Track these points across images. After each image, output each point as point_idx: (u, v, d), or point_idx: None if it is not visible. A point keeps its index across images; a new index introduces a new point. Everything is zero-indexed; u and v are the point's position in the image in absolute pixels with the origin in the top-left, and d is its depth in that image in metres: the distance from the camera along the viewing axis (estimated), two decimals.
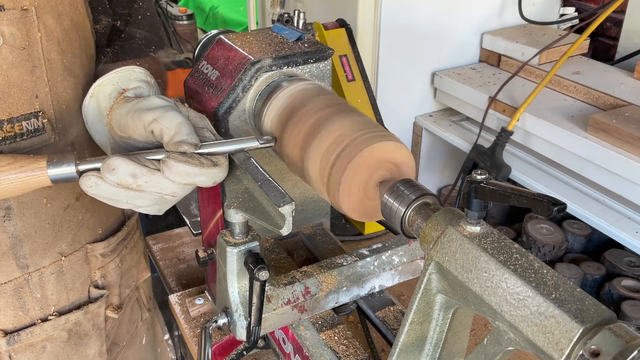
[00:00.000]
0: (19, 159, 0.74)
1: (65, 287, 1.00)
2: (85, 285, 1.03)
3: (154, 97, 0.78)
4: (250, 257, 0.77)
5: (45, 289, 0.97)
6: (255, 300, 0.77)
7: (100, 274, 1.05)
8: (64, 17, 0.86)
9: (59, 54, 0.86)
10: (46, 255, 0.96)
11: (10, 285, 0.93)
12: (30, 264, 0.94)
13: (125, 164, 0.70)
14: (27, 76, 0.83)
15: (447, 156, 2.03)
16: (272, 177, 0.75)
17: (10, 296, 0.94)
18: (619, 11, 1.70)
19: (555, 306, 0.52)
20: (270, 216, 0.72)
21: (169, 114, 0.74)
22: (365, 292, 0.92)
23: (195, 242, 1.56)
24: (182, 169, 0.70)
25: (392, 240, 0.95)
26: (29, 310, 0.97)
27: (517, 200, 0.57)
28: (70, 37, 0.88)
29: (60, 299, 1.00)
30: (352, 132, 0.75)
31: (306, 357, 0.93)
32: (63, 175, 0.73)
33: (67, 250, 0.99)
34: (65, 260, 0.98)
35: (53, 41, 0.85)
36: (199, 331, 1.27)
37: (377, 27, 1.72)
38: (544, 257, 1.64)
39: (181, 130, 0.73)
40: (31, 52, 0.82)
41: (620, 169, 1.35)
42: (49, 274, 0.97)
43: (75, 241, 1.00)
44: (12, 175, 0.73)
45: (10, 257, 0.92)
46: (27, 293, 0.95)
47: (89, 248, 1.02)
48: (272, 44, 0.94)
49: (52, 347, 1.01)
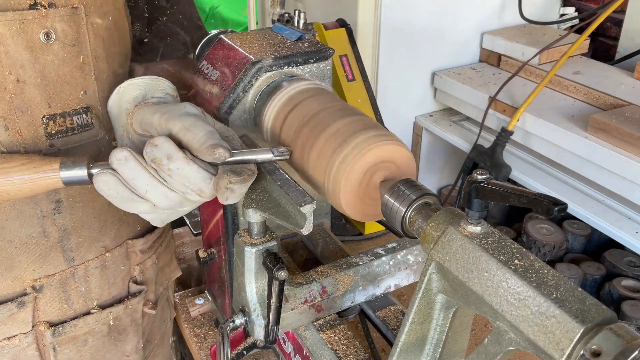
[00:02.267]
0: (33, 160, 0.76)
1: (108, 281, 1.02)
2: (126, 280, 1.06)
3: (187, 104, 0.80)
4: (268, 256, 0.77)
5: (89, 283, 1.00)
6: (274, 300, 0.77)
7: (139, 269, 1.07)
8: (108, 15, 0.88)
9: (104, 52, 0.88)
10: (91, 249, 0.98)
11: (57, 277, 0.95)
12: (77, 257, 0.97)
13: (167, 143, 0.72)
14: (77, 72, 0.85)
15: (447, 156, 2.03)
16: (291, 176, 0.75)
17: (57, 289, 0.96)
18: (619, 11, 1.70)
19: (556, 306, 0.52)
20: (291, 215, 0.72)
21: (199, 122, 0.75)
22: (381, 292, 0.93)
23: (195, 242, 1.56)
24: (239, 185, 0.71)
25: (407, 240, 0.95)
26: (73, 303, 0.99)
27: (518, 200, 0.57)
28: (113, 37, 0.90)
29: (103, 293, 1.02)
30: (352, 132, 0.75)
31: (306, 357, 0.93)
32: (75, 178, 0.75)
33: (110, 245, 1.01)
34: (108, 254, 1.01)
35: (99, 39, 0.87)
36: (199, 331, 1.27)
37: (377, 27, 1.72)
38: (544, 257, 1.64)
39: (212, 137, 0.74)
40: (80, 49, 0.85)
41: (620, 169, 1.35)
42: (93, 267, 0.99)
43: (118, 236, 1.02)
44: (25, 176, 0.75)
45: (58, 250, 0.94)
46: (72, 286, 0.98)
47: (130, 244, 1.04)
48: (272, 44, 0.94)
49: (94, 341, 1.03)
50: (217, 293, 1.17)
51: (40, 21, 0.80)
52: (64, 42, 0.83)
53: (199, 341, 1.24)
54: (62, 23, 0.82)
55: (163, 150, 0.71)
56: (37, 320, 0.96)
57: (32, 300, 0.94)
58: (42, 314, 0.96)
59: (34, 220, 0.89)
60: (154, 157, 0.72)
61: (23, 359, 0.96)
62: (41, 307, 0.95)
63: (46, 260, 0.93)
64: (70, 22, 0.83)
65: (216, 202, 0.99)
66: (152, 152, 0.72)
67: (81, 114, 0.87)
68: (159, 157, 0.72)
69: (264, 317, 0.81)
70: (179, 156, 0.72)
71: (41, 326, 0.96)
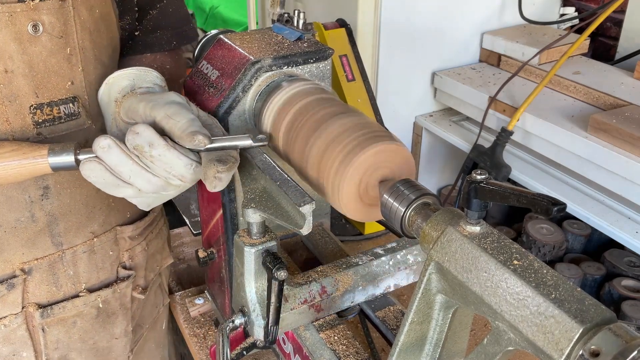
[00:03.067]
0: (23, 146, 0.78)
1: (96, 266, 1.04)
2: (114, 265, 1.07)
3: (172, 93, 0.82)
4: (268, 256, 0.77)
5: (78, 267, 1.01)
6: (274, 300, 0.77)
7: (128, 255, 1.09)
8: (95, 8, 0.90)
9: (90, 44, 0.91)
10: (79, 235, 1.00)
11: (45, 261, 0.97)
12: (65, 242, 0.99)
13: (148, 131, 0.74)
14: (64, 63, 0.88)
15: (447, 156, 2.03)
16: (290, 176, 0.75)
17: (45, 272, 0.98)
18: (619, 11, 1.70)
19: (555, 306, 0.52)
20: (290, 216, 0.72)
21: (182, 111, 0.78)
22: (381, 292, 0.93)
23: (195, 242, 1.56)
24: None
25: (407, 240, 0.95)
26: (61, 286, 1.01)
27: (517, 200, 0.57)
28: (100, 29, 0.92)
29: (91, 277, 1.04)
30: (352, 132, 0.75)
31: (306, 357, 0.93)
32: (62, 164, 0.78)
33: (98, 230, 1.03)
34: (96, 240, 1.03)
35: (86, 31, 0.89)
36: (199, 331, 1.27)
37: (377, 27, 1.72)
38: (544, 257, 1.64)
39: (193, 124, 0.76)
40: (68, 41, 0.87)
41: (620, 169, 1.35)
42: (81, 252, 1.01)
43: (106, 222, 1.04)
44: (14, 162, 0.77)
45: (47, 234, 0.96)
46: (61, 270, 1.00)
47: (119, 230, 1.06)
48: (272, 43, 0.94)
49: (82, 323, 1.05)
50: (217, 293, 1.17)
51: (29, 13, 0.82)
52: (52, 34, 0.85)
53: (198, 341, 1.24)
54: (49, 15, 0.84)
55: (144, 138, 0.74)
56: (27, 302, 0.98)
57: (22, 283, 0.96)
58: (32, 296, 0.98)
59: (22, 206, 0.92)
60: (135, 144, 0.74)
61: (13, 339, 0.99)
62: (30, 289, 0.97)
63: (35, 244, 0.95)
64: (57, 15, 0.85)
65: (216, 202, 0.99)
66: (133, 140, 0.74)
67: (68, 104, 0.90)
68: (140, 145, 0.74)
69: (263, 317, 0.81)
70: (160, 143, 0.74)
71: (30, 307, 0.98)
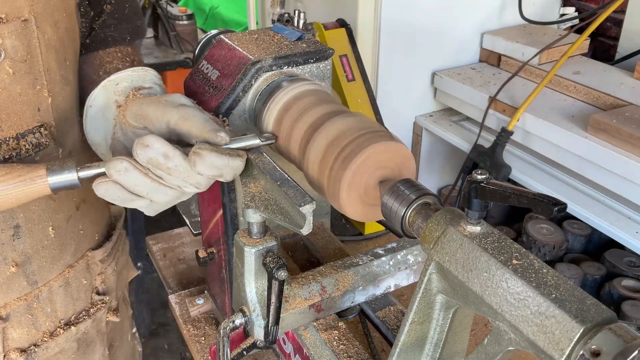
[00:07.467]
0: (16, 169, 0.72)
1: (72, 297, 1.00)
2: (88, 293, 1.04)
3: (178, 95, 0.80)
4: (268, 256, 0.77)
5: (55, 302, 0.97)
6: (274, 300, 0.77)
7: (101, 279, 1.05)
8: (60, 24, 0.84)
9: (56, 63, 0.84)
10: (53, 269, 0.95)
11: (23, 302, 0.92)
12: (39, 280, 0.94)
13: (159, 142, 0.71)
14: (29, 89, 0.81)
15: (447, 156, 2.03)
16: (290, 176, 0.75)
17: (23, 314, 0.93)
18: (619, 11, 1.70)
19: (555, 306, 0.52)
20: (290, 216, 0.72)
21: (196, 112, 0.76)
22: (381, 292, 0.93)
23: (195, 242, 1.56)
24: (214, 159, 0.71)
25: (407, 240, 0.95)
26: (40, 325, 0.96)
27: (518, 200, 0.57)
28: (65, 44, 0.86)
29: (68, 310, 1.00)
30: (352, 132, 0.75)
31: (306, 357, 0.93)
32: (64, 183, 0.72)
33: (70, 260, 0.98)
34: (70, 271, 0.98)
35: (51, 50, 0.83)
36: (199, 331, 1.27)
37: (377, 27, 1.72)
38: (544, 257, 1.64)
39: (210, 123, 0.75)
40: (32, 64, 0.80)
41: (620, 169, 1.35)
42: (57, 287, 0.96)
43: (78, 250, 1.00)
44: (10, 186, 0.71)
45: (21, 275, 0.91)
46: (38, 309, 0.95)
47: (89, 256, 1.02)
48: (272, 43, 0.94)
49: (64, 359, 1.01)
50: (217, 293, 1.17)
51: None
52: (14, 59, 0.77)
53: (199, 341, 1.24)
54: (11, 39, 0.76)
55: (157, 150, 0.71)
56: (8, 348, 0.93)
57: (1, 331, 0.91)
58: (12, 342, 0.93)
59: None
60: (148, 158, 0.71)
61: None
62: (10, 336, 0.93)
63: (10, 288, 0.90)
64: (20, 37, 0.77)
65: (216, 202, 0.99)
66: (145, 154, 0.71)
67: (35, 133, 0.83)
68: (154, 158, 0.71)
69: (263, 317, 0.81)
70: (175, 153, 0.71)
71: (12, 354, 0.93)
